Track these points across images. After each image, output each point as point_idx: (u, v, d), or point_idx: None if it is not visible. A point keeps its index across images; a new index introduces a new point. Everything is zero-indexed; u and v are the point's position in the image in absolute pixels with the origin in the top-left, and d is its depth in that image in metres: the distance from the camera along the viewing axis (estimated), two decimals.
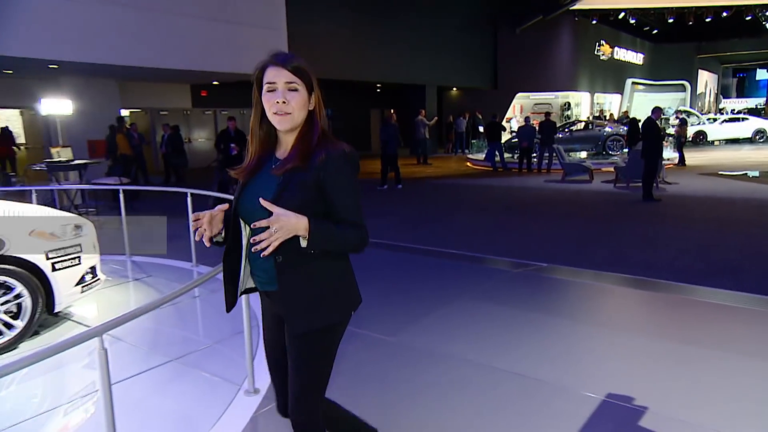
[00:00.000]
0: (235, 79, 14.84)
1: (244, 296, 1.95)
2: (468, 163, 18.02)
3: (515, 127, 19.77)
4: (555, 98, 23.97)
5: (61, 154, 9.43)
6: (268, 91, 1.51)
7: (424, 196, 11.60)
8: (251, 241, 1.45)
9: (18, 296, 3.41)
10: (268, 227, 1.36)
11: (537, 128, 14.47)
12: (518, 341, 3.50)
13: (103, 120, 12.32)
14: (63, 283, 3.64)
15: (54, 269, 3.59)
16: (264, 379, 2.90)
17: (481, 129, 20.34)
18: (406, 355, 3.34)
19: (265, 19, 13.41)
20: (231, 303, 1.68)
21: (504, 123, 20.45)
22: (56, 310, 3.69)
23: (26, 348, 3.48)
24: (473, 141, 20.85)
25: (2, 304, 3.35)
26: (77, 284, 3.75)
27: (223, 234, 1.61)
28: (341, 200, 1.53)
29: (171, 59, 11.82)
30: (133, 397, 2.97)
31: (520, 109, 23.56)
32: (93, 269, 3.93)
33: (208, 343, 3.78)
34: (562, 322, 3.84)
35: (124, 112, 14.78)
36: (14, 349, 3.42)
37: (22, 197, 6.84)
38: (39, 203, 5.85)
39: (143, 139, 13.13)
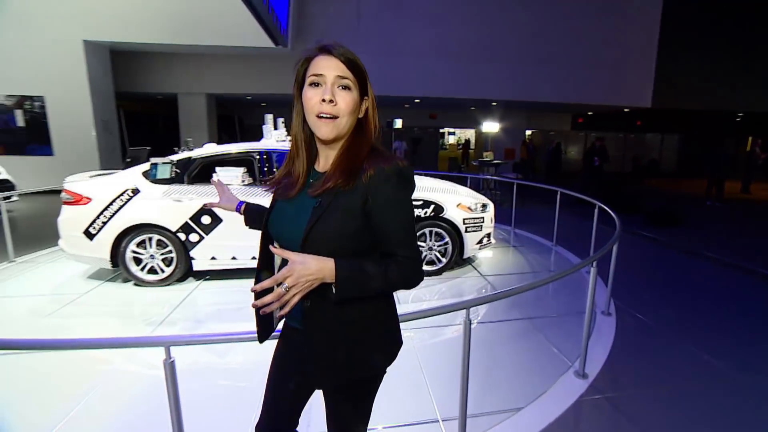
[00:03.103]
0: (605, 111, 16.28)
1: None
2: None
3: None
4: None
5: (488, 155, 11.38)
6: (312, 85, 1.01)
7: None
8: (260, 302, 0.94)
9: (446, 243, 4.48)
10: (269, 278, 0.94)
11: None
12: None
13: (516, 136, 16.05)
14: (470, 240, 4.51)
15: (466, 231, 4.47)
16: (594, 366, 2.73)
17: None
18: None
19: (636, 62, 13.48)
20: (262, 333, 1.20)
21: None
22: (464, 257, 4.60)
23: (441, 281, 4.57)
24: None
25: (439, 245, 4.48)
26: (477, 243, 4.59)
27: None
28: (391, 227, 1.02)
29: (563, 96, 13.29)
30: (487, 339, 3.12)
31: None
32: (488, 235, 4.70)
33: (557, 314, 3.65)
34: None
35: (528, 132, 17.71)
36: (440, 275, 4.49)
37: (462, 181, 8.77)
38: (470, 186, 6.60)
39: (536, 150, 14.50)
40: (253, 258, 4.05)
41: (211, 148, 4.40)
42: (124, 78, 11.62)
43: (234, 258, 4.16)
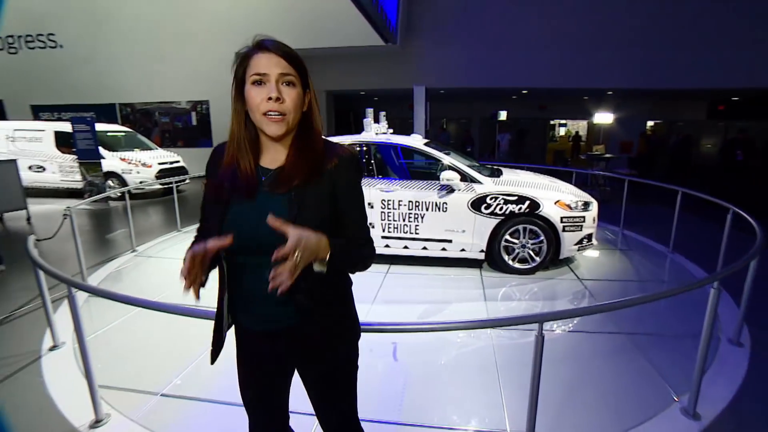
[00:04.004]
0: (753, 95, 12.83)
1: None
2: None
3: None
4: None
5: (598, 149, 10.21)
6: (255, 84, 0.96)
7: None
8: (272, 277, 0.85)
9: (540, 242, 4.07)
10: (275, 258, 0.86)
11: None
12: None
13: (634, 127, 13.68)
14: (568, 240, 4.04)
15: (564, 230, 4.01)
16: (712, 406, 2.14)
17: None
18: None
19: None
20: (216, 351, 1.13)
21: None
22: (560, 257, 4.13)
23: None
24: None
25: (533, 243, 4.09)
26: (576, 243, 4.09)
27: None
28: (355, 212, 1.06)
29: (700, 80, 10.97)
30: (575, 352, 2.73)
31: None
32: (590, 236, 4.16)
33: (665, 333, 3.00)
34: None
35: (649, 123, 14.98)
36: (533, 274, 4.11)
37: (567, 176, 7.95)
38: (576, 182, 6.08)
39: (658, 142, 12.27)
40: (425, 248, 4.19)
41: None
42: None
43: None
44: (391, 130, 5.09)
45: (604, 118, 12.18)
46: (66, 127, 8.50)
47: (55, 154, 8.71)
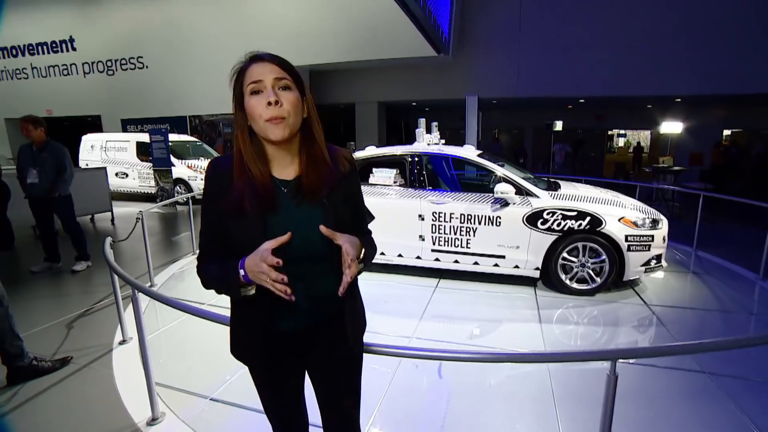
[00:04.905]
0: None
1: None
2: None
3: None
4: None
5: (665, 161, 9.40)
6: (253, 93, 0.96)
7: None
8: (349, 278, 0.96)
9: (602, 261, 3.71)
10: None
11: None
12: None
13: (706, 137, 12.20)
14: (633, 261, 3.66)
15: (629, 249, 3.64)
16: None
17: None
18: None
19: None
20: (252, 356, 1.15)
21: None
22: (624, 279, 3.74)
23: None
24: None
25: (594, 263, 3.75)
26: (642, 265, 3.70)
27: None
28: (361, 209, 1.15)
29: None
30: (644, 388, 2.39)
31: None
32: (659, 257, 3.76)
33: (761, 377, 2.52)
34: None
35: (726, 132, 13.34)
36: (592, 295, 3.76)
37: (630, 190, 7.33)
38: (640, 196, 5.60)
39: (740, 153, 10.96)
40: (456, 261, 4.06)
41: (370, 151, 4.56)
42: (316, 92, 13.21)
43: (400, 255, 4.25)
44: (443, 141, 4.94)
45: (672, 127, 11.12)
46: (145, 137, 9.23)
47: (136, 162, 9.49)
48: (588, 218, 3.69)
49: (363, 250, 1.04)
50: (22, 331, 2.66)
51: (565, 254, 3.80)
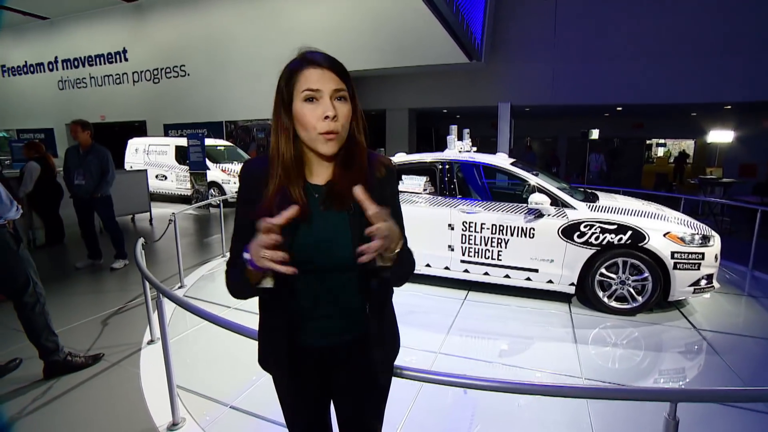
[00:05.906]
0: None
1: None
2: None
3: None
4: None
5: (713, 172, 8.78)
6: (307, 100, 0.87)
7: None
8: (365, 249, 0.81)
9: (644, 279, 3.43)
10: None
11: None
12: None
13: (758, 148, 11.09)
14: (680, 280, 3.36)
15: (675, 267, 3.34)
16: None
17: None
18: None
19: None
20: (281, 368, 1.03)
21: None
22: (669, 299, 3.45)
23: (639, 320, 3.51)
24: None
25: (635, 280, 3.47)
26: (691, 285, 3.38)
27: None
28: (399, 220, 1.02)
29: None
30: (700, 427, 2.12)
31: None
32: (710, 277, 3.43)
33: None
34: None
35: None
36: (633, 315, 3.48)
37: (674, 202, 6.88)
38: (685, 210, 5.37)
39: None
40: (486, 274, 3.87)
41: (399, 158, 4.45)
42: None
43: (428, 265, 4.10)
44: (474, 149, 4.77)
45: (721, 136, 10.33)
46: (183, 142, 9.53)
47: (175, 165, 9.81)
48: (629, 232, 3.42)
49: (400, 246, 0.89)
50: (61, 326, 2.71)
51: (603, 270, 3.54)
